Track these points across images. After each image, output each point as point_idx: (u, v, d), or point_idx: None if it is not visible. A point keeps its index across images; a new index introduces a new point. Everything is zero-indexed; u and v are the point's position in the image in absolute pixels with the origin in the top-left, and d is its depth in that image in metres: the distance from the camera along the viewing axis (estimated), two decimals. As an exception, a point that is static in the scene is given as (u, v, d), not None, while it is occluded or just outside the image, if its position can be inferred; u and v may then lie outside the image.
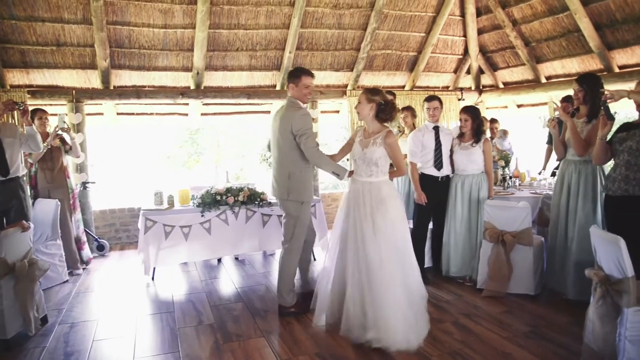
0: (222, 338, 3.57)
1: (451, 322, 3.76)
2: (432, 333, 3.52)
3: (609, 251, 2.83)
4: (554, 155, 5.93)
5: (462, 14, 7.70)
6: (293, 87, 3.86)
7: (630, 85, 3.72)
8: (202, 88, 6.66)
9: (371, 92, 3.65)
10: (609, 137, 3.49)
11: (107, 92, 6.19)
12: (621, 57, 6.16)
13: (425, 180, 4.69)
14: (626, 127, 3.48)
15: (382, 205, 3.51)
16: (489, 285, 4.30)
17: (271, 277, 5.04)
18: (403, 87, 8.01)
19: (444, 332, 3.56)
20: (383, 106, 3.60)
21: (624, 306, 2.74)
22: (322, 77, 7.37)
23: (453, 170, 4.75)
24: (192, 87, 6.63)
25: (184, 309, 4.20)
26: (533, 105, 8.30)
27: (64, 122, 5.31)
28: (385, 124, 3.70)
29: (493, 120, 6.84)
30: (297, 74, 3.88)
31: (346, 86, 7.54)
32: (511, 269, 4.23)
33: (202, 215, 5.00)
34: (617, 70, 6.22)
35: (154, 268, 5.02)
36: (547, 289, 4.32)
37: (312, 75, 3.90)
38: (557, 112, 4.04)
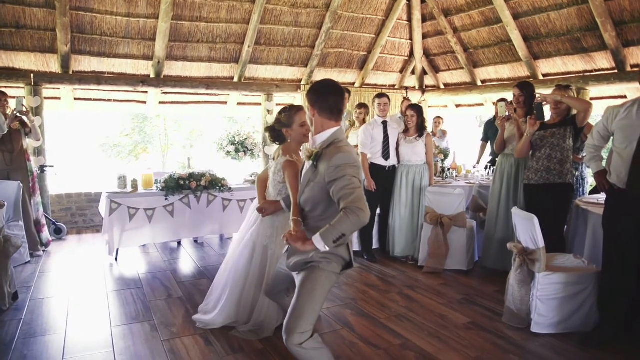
0: (192, 309, 3.87)
1: (396, 292, 4.29)
2: (381, 301, 4.05)
3: (525, 227, 3.44)
4: (487, 150, 6.68)
5: (409, 19, 8.32)
6: None
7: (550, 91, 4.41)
8: (162, 77, 6.84)
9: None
10: None
11: (67, 76, 6.24)
12: (545, 66, 6.98)
13: (374, 170, 5.20)
14: (543, 126, 4.15)
15: None
16: (428, 262, 4.89)
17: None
18: (353, 84, 8.53)
19: (391, 301, 4.09)
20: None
21: (537, 272, 3.38)
22: (278, 72, 7.76)
23: (399, 161, 5.29)
24: (152, 75, 6.78)
25: (152, 285, 4.47)
26: (470, 105, 9.12)
27: (23, 104, 5.36)
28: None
29: (438, 117, 7.69)
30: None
31: (300, 81, 7.96)
32: (448, 248, 4.84)
33: (166, 199, 5.26)
34: (541, 77, 7.05)
35: (118, 249, 5.21)
36: (484, 267, 4.86)
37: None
38: (507, 112, 4.57)
